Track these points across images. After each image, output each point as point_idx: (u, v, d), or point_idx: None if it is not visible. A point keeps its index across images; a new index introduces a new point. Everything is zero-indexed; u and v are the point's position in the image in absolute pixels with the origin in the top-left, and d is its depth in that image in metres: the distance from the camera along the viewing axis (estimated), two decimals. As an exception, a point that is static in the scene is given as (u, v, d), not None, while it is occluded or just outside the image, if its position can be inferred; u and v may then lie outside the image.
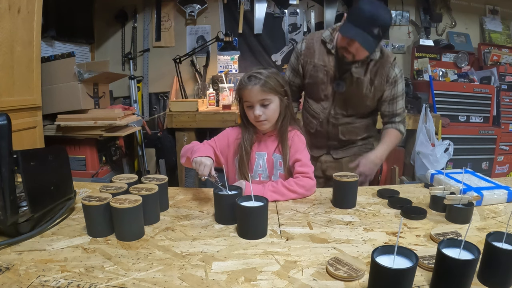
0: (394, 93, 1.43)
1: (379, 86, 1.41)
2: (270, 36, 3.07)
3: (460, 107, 2.75)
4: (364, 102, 1.44)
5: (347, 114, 1.46)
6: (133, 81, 3.06)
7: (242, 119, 1.20)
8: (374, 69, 1.39)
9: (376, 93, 1.42)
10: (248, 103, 1.12)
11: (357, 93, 1.41)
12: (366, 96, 1.42)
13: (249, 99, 1.11)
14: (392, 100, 1.44)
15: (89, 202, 0.75)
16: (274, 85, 1.11)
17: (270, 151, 1.18)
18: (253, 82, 1.09)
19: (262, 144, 1.19)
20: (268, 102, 1.11)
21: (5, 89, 1.61)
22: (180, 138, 2.58)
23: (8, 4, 1.58)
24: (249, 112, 1.14)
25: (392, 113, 1.47)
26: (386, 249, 0.57)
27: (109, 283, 0.59)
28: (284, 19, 3.07)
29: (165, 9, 3.08)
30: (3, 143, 0.68)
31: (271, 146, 1.19)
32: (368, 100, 1.43)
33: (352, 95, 1.41)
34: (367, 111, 1.49)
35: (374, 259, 0.53)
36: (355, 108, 1.45)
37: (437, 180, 1.09)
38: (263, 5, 3.03)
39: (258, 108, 1.10)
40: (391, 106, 1.46)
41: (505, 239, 0.59)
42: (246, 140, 1.16)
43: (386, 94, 1.43)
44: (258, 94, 1.09)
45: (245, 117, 1.18)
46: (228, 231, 0.80)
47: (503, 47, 2.99)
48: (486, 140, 2.75)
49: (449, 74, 2.92)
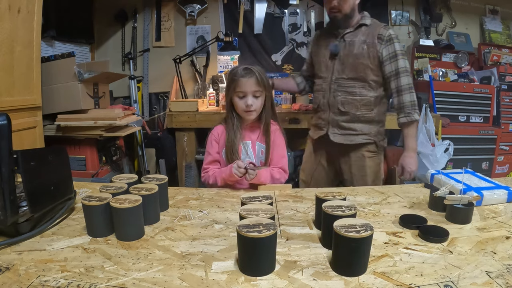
0: (392, 50, 1.49)
1: (371, 43, 1.50)
2: (270, 36, 3.07)
3: (460, 107, 2.75)
4: (359, 59, 1.51)
5: (347, 77, 1.55)
6: (133, 81, 3.06)
7: (229, 110, 1.30)
8: (366, 31, 1.53)
9: (370, 51, 1.50)
10: (241, 93, 1.23)
11: (350, 52, 1.53)
12: (360, 54, 1.51)
13: (243, 89, 1.22)
14: (393, 59, 1.49)
15: (89, 202, 0.75)
16: (265, 80, 1.25)
17: (254, 140, 1.31)
18: (249, 74, 1.22)
19: (245, 134, 1.30)
20: (258, 94, 1.24)
21: (5, 89, 1.61)
22: (180, 138, 2.58)
23: (8, 4, 1.58)
24: (239, 102, 1.24)
25: (398, 89, 1.51)
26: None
27: (109, 283, 0.59)
28: (284, 19, 3.07)
29: (165, 9, 3.08)
30: (3, 143, 0.68)
31: (253, 135, 1.31)
32: (363, 58, 1.51)
33: (347, 56, 1.53)
34: (366, 74, 1.53)
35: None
36: (352, 67, 1.53)
37: (437, 180, 1.09)
38: (263, 5, 3.03)
39: (251, 98, 1.23)
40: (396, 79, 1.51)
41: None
42: (232, 133, 1.27)
43: (385, 53, 1.50)
44: (252, 85, 1.22)
45: (231, 108, 1.29)
46: (228, 231, 0.80)
47: (503, 47, 3.00)
48: (486, 140, 2.75)
49: (449, 74, 2.92)
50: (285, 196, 1.05)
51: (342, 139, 1.58)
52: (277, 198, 1.04)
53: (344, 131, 1.58)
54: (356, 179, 1.62)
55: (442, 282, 0.58)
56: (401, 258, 0.67)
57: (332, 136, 1.59)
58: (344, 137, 1.58)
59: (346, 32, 1.54)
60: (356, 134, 1.57)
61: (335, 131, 1.59)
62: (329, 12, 1.56)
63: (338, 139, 1.59)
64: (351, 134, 1.57)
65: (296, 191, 1.10)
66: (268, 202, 0.80)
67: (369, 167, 1.61)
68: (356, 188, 1.13)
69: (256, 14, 3.03)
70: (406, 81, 1.50)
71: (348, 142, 1.57)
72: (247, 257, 0.62)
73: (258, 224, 0.63)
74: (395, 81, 1.51)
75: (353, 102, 1.55)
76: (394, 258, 0.67)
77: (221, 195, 1.07)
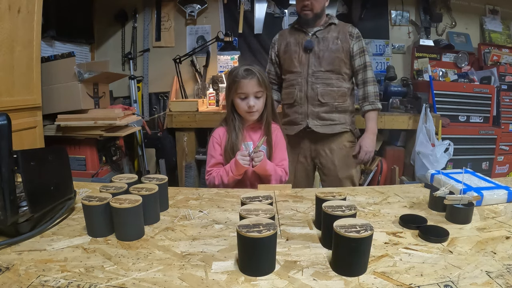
0: (361, 46, 1.68)
1: (344, 39, 1.66)
2: (270, 36, 3.03)
3: (460, 107, 2.74)
4: (335, 53, 1.65)
5: (324, 69, 1.65)
6: (133, 81, 3.06)
7: (230, 111, 1.30)
8: (336, 29, 1.67)
9: (344, 45, 1.66)
10: (243, 95, 1.23)
11: (326, 47, 1.65)
12: (335, 48, 1.65)
13: (245, 91, 1.23)
14: (361, 54, 1.68)
15: (89, 202, 0.75)
16: (266, 80, 1.27)
17: (255, 141, 1.31)
18: (251, 75, 1.23)
19: (247, 135, 1.31)
20: (260, 95, 1.25)
21: (5, 89, 1.61)
22: (180, 138, 2.58)
23: (8, 4, 1.58)
24: (241, 103, 1.24)
25: (364, 81, 1.69)
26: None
27: (109, 283, 0.59)
28: (284, 19, 3.07)
29: (165, 9, 3.08)
30: (3, 143, 0.68)
31: (254, 136, 1.32)
32: (338, 52, 1.65)
33: (323, 50, 1.65)
34: (340, 67, 1.67)
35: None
36: (328, 61, 1.65)
37: (437, 180, 1.09)
38: (263, 5, 3.03)
39: (253, 99, 1.23)
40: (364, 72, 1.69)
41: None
42: (234, 134, 1.27)
43: (355, 48, 1.68)
44: (254, 87, 1.22)
45: (233, 109, 1.29)
46: (228, 231, 0.80)
47: (503, 47, 3.00)
48: (486, 140, 2.75)
49: (449, 74, 2.92)
50: (285, 196, 1.05)
51: (324, 130, 1.67)
52: (277, 198, 1.04)
53: (325, 121, 1.67)
54: (340, 169, 1.70)
55: (442, 282, 0.58)
56: (401, 258, 0.67)
57: (314, 128, 1.66)
58: (325, 127, 1.67)
59: (317, 30, 1.67)
60: (335, 124, 1.69)
61: (316, 122, 1.67)
62: (300, 11, 1.67)
63: (320, 130, 1.67)
64: (330, 124, 1.68)
65: (296, 191, 1.10)
66: (268, 202, 0.80)
67: (350, 156, 1.73)
68: (356, 188, 1.13)
69: (256, 14, 3.03)
70: (371, 74, 1.70)
71: (329, 132, 1.67)
72: (247, 257, 0.62)
73: (258, 224, 0.63)
74: (362, 73, 1.69)
75: (331, 93, 1.66)
76: (394, 258, 0.67)
77: (221, 195, 1.07)
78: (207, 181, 1.28)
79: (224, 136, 1.30)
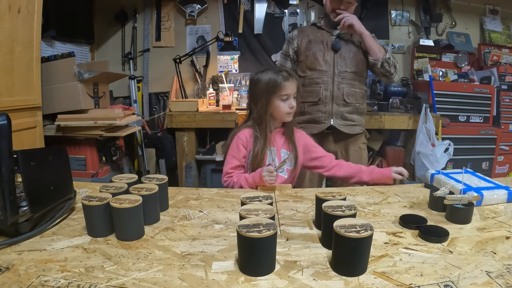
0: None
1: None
2: (270, 36, 3.07)
3: (460, 107, 2.74)
4: (359, 56, 1.69)
5: (350, 70, 1.68)
6: (133, 81, 3.06)
7: (263, 115, 1.25)
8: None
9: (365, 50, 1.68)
10: (285, 96, 1.24)
11: (351, 49, 1.68)
12: (359, 52, 1.68)
13: (288, 92, 1.24)
14: None
15: (89, 202, 0.75)
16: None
17: (279, 146, 1.30)
18: (292, 76, 1.26)
19: (271, 140, 1.28)
20: (296, 96, 1.28)
21: (5, 89, 1.61)
22: (180, 138, 2.58)
23: (8, 4, 1.58)
24: (282, 104, 1.25)
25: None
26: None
27: (109, 283, 0.59)
28: (284, 19, 3.07)
29: (165, 9, 3.08)
30: (3, 143, 0.68)
31: (279, 141, 1.30)
32: (361, 55, 1.69)
33: (349, 52, 1.68)
34: (363, 69, 1.72)
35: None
36: (353, 62, 1.68)
37: (437, 180, 1.09)
38: (263, 5, 3.03)
39: (293, 100, 1.26)
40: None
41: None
42: (263, 138, 1.25)
43: None
44: (294, 87, 1.26)
45: (266, 112, 1.25)
46: (228, 231, 0.80)
47: (503, 47, 2.99)
48: (486, 140, 2.75)
49: (449, 74, 2.92)
50: (285, 196, 1.05)
51: (347, 130, 1.69)
52: (277, 198, 1.04)
53: (347, 121, 1.70)
54: None
55: (442, 282, 0.58)
56: (401, 258, 0.67)
57: (338, 127, 1.68)
58: (348, 127, 1.70)
59: (342, 32, 1.71)
60: (354, 124, 1.72)
61: (339, 122, 1.69)
62: (330, 11, 1.69)
63: (344, 129, 1.69)
64: (351, 125, 1.71)
65: (296, 191, 1.10)
66: (268, 202, 0.80)
67: (364, 158, 1.77)
68: (356, 188, 1.13)
69: (256, 14, 3.03)
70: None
71: (351, 132, 1.70)
72: (247, 257, 0.62)
73: (258, 224, 0.63)
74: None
75: (354, 94, 1.70)
76: (394, 258, 0.67)
77: (221, 195, 1.07)
78: (225, 183, 1.25)
79: (250, 138, 1.26)
